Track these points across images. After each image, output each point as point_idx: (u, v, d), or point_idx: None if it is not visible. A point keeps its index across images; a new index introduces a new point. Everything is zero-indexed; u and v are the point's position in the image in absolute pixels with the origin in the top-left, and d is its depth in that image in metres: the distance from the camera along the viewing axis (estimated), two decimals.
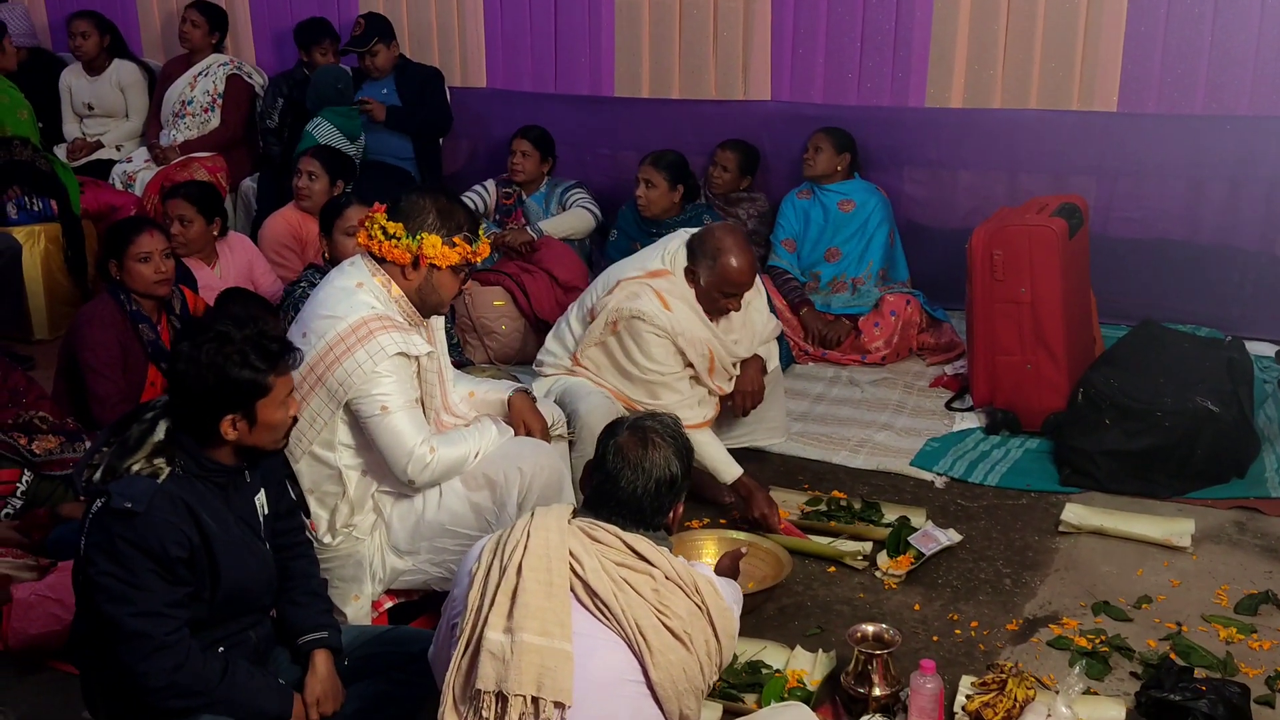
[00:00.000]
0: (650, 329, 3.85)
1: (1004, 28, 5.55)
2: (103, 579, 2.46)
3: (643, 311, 3.85)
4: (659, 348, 3.86)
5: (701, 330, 3.92)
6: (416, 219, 3.22)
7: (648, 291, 3.88)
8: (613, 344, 3.91)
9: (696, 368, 3.93)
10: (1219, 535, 3.90)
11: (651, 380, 3.89)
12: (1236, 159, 5.32)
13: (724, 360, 4.00)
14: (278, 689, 2.68)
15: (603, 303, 3.94)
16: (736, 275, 3.85)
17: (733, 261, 3.83)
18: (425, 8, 6.72)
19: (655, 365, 3.87)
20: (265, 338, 2.60)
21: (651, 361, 3.87)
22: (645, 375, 3.89)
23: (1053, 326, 4.52)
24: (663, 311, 3.86)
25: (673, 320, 3.86)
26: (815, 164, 5.64)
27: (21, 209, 5.70)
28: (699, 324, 3.92)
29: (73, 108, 7.01)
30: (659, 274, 3.93)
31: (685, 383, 3.94)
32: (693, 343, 3.89)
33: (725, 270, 3.84)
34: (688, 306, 3.90)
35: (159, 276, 4.27)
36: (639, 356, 3.87)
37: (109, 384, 4.19)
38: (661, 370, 3.88)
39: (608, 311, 3.90)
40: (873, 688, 2.99)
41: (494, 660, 2.30)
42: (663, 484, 2.47)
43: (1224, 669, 3.16)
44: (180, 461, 2.55)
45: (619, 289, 3.93)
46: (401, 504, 3.36)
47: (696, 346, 3.90)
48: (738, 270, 3.84)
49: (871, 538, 3.87)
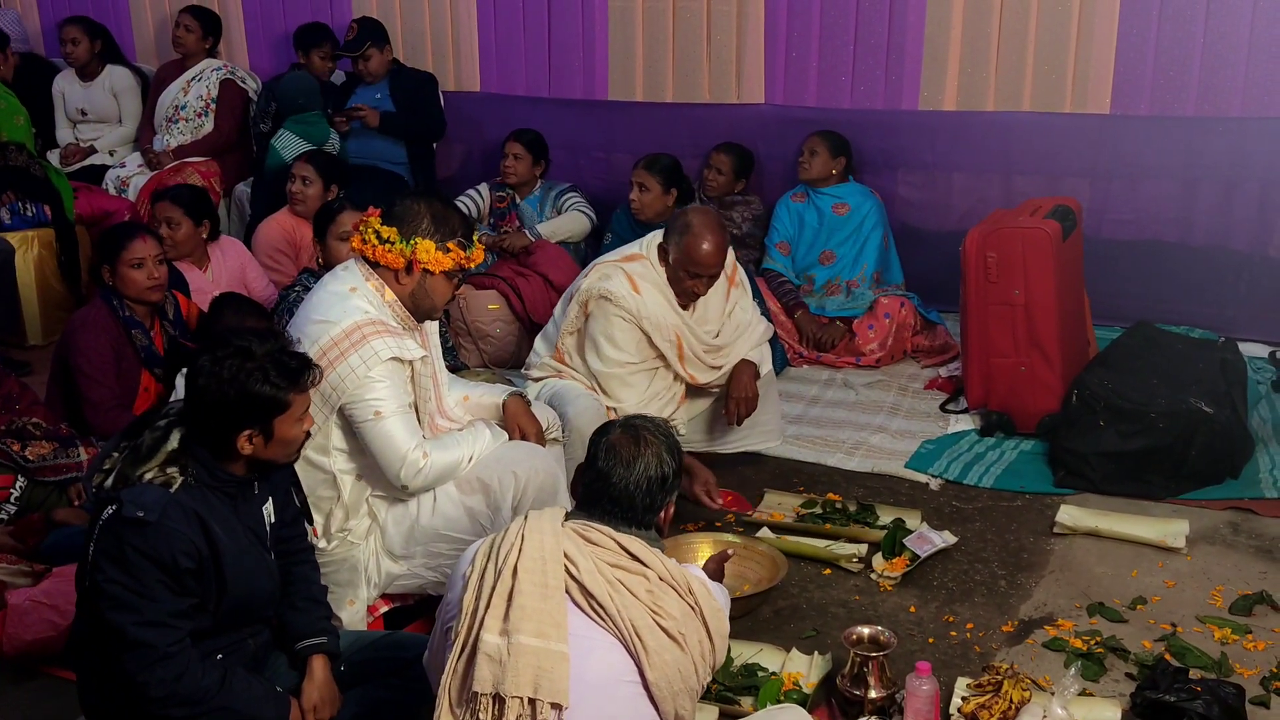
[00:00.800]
0: (616, 311, 3.87)
1: (997, 30, 5.57)
2: (110, 586, 2.46)
3: (610, 292, 3.87)
4: (622, 331, 3.88)
5: (670, 316, 3.94)
6: (410, 224, 3.22)
7: (619, 273, 3.92)
8: (584, 330, 3.94)
9: (666, 354, 3.95)
10: (1213, 536, 3.91)
11: (611, 373, 3.90)
12: (1229, 161, 5.33)
13: (695, 348, 4.00)
14: (275, 696, 2.68)
15: (576, 284, 3.97)
16: (701, 255, 3.85)
17: (697, 240, 3.84)
18: (419, 12, 6.72)
19: (616, 352, 3.89)
20: (286, 354, 2.61)
21: (614, 347, 3.88)
22: (607, 368, 3.90)
23: (1047, 328, 4.52)
24: (631, 294, 3.88)
25: (639, 303, 3.88)
26: (810, 167, 5.65)
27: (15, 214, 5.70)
28: (668, 309, 3.94)
29: (66, 113, 7.00)
30: (633, 258, 3.98)
31: (642, 377, 3.94)
32: (659, 327, 3.91)
33: (690, 248, 3.85)
34: (658, 291, 3.93)
35: (151, 282, 4.27)
36: (601, 339, 3.89)
37: (102, 389, 4.19)
38: (621, 359, 3.89)
39: (580, 293, 3.95)
40: (868, 690, 2.99)
41: (490, 662, 2.31)
42: (654, 482, 2.48)
43: (1219, 670, 3.17)
44: (193, 471, 2.55)
45: (593, 271, 3.98)
46: (396, 508, 3.36)
47: (663, 331, 3.92)
48: (703, 250, 3.84)
49: (867, 540, 3.87)
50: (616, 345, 3.90)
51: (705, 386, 4.10)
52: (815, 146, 5.66)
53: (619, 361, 3.92)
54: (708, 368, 4.06)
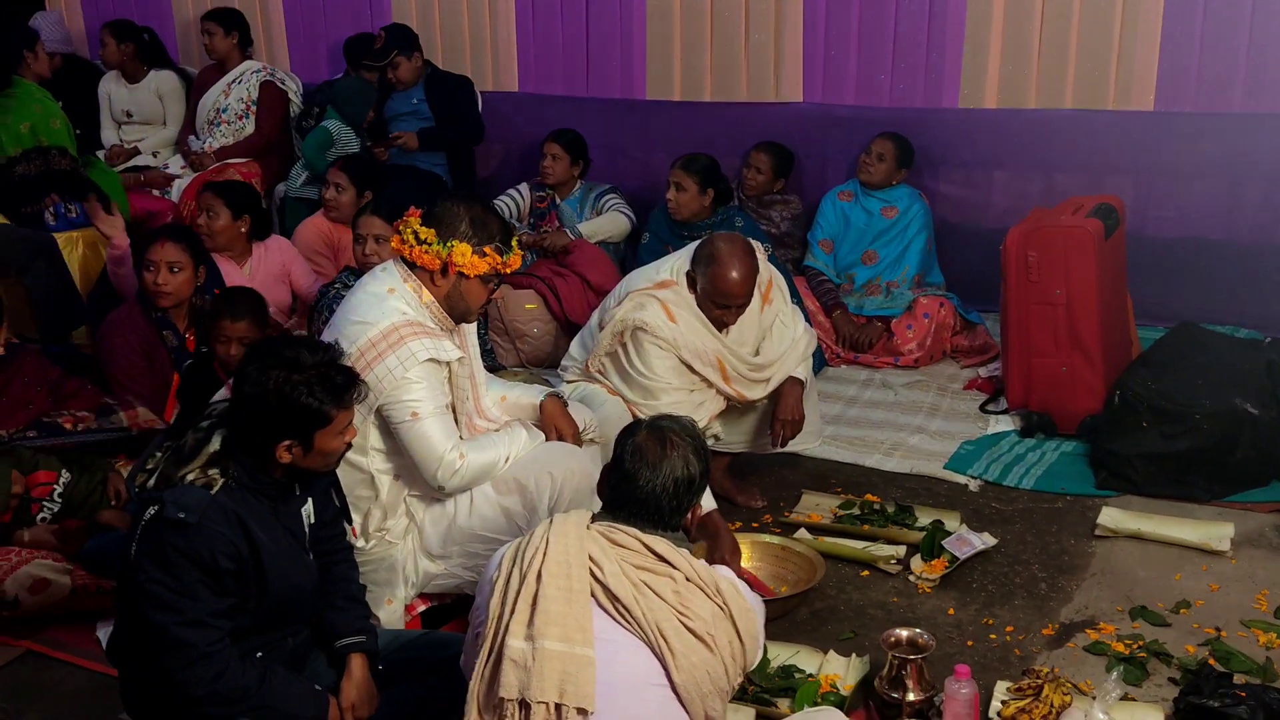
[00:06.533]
0: (653, 340, 3.82)
1: (1038, 27, 5.51)
2: (152, 586, 2.49)
3: (646, 323, 3.82)
4: (659, 360, 3.83)
5: (709, 341, 3.87)
6: (449, 226, 3.23)
7: (653, 304, 3.85)
8: (620, 354, 3.90)
9: (710, 379, 3.89)
10: (1258, 539, 3.86)
11: (649, 383, 3.87)
12: (1275, 157, 5.25)
13: (738, 368, 3.94)
14: (314, 694, 2.70)
15: (611, 314, 3.93)
16: (728, 285, 3.76)
17: (725, 270, 3.76)
18: (457, 13, 6.74)
19: (653, 378, 3.84)
20: (334, 368, 2.62)
21: (651, 374, 3.84)
22: (642, 379, 3.86)
23: (1088, 328, 4.48)
24: (667, 323, 3.82)
25: (676, 333, 3.82)
26: (875, 172, 5.61)
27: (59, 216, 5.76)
28: (706, 334, 3.87)
29: (111, 114, 7.08)
30: (665, 284, 3.90)
31: (682, 394, 3.89)
32: (699, 354, 3.85)
33: (717, 278, 3.77)
34: (694, 317, 3.86)
35: (156, 287, 4.31)
36: (639, 365, 3.86)
37: (133, 395, 4.22)
38: (659, 387, 3.85)
39: (614, 323, 3.88)
40: (907, 693, 2.97)
41: (516, 668, 2.31)
42: (681, 484, 2.47)
43: (1264, 675, 3.13)
44: (233, 473, 2.57)
45: (627, 300, 3.91)
46: (433, 508, 3.38)
47: (704, 357, 3.86)
48: (728, 280, 3.76)
49: (905, 541, 3.85)
50: (654, 373, 3.84)
51: (756, 403, 4.06)
52: (883, 151, 5.59)
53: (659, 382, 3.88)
54: (755, 383, 3.98)
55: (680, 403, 3.83)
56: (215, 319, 4.10)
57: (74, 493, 3.84)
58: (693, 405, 3.88)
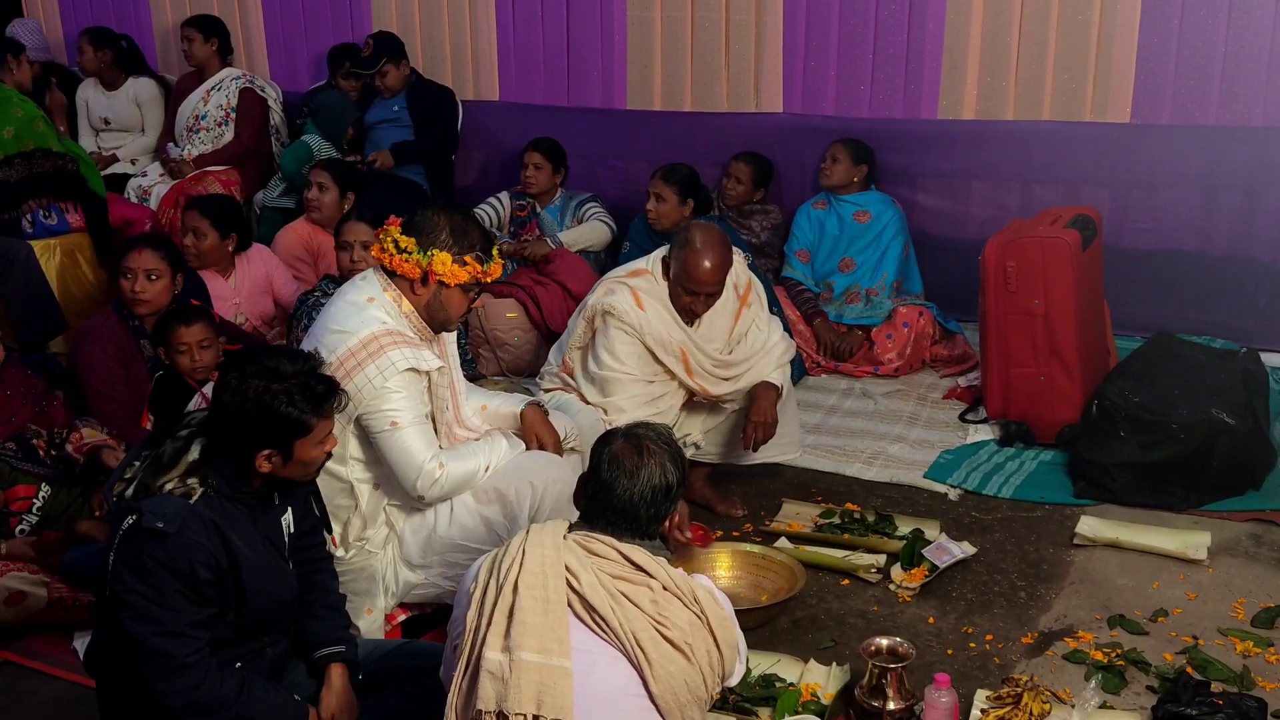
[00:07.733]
0: (619, 325, 3.89)
1: (1016, 39, 5.54)
2: (129, 596, 2.48)
3: (614, 306, 3.89)
4: (623, 344, 3.89)
5: (675, 331, 3.94)
6: (429, 234, 3.23)
7: (623, 289, 3.94)
8: (589, 343, 3.94)
9: (673, 369, 3.94)
10: (1235, 548, 3.88)
11: (605, 375, 3.90)
12: (1251, 169, 5.29)
13: (702, 363, 3.99)
14: (293, 705, 2.69)
15: (585, 301, 3.99)
16: (698, 272, 3.83)
17: (698, 258, 3.83)
18: (438, 22, 6.74)
19: (616, 364, 3.89)
20: (315, 378, 2.61)
21: (614, 359, 3.89)
22: (601, 370, 3.90)
23: (1066, 338, 4.51)
24: (634, 309, 3.89)
25: (642, 319, 3.89)
26: (832, 173, 5.65)
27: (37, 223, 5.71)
28: (672, 325, 3.94)
29: (89, 121, 7.05)
30: (638, 273, 4.00)
31: (640, 386, 3.93)
32: (663, 343, 3.91)
33: (689, 264, 3.84)
34: (661, 307, 3.93)
35: (133, 295, 4.29)
36: (603, 353, 3.90)
37: (112, 404, 4.20)
38: (619, 370, 3.90)
39: (587, 310, 3.96)
40: (887, 701, 2.98)
41: (493, 680, 2.30)
42: (658, 491, 2.47)
43: (1241, 683, 3.14)
44: (213, 482, 2.56)
45: (599, 286, 4.00)
46: (414, 518, 3.37)
47: (668, 346, 3.92)
48: (702, 268, 3.83)
49: (885, 550, 3.85)
50: (617, 358, 3.91)
51: (720, 399, 4.08)
52: (837, 153, 5.65)
53: (617, 370, 3.92)
54: (719, 379, 4.04)
55: (638, 395, 3.88)
56: (169, 331, 4.06)
57: (53, 506, 3.81)
58: (651, 397, 3.90)
